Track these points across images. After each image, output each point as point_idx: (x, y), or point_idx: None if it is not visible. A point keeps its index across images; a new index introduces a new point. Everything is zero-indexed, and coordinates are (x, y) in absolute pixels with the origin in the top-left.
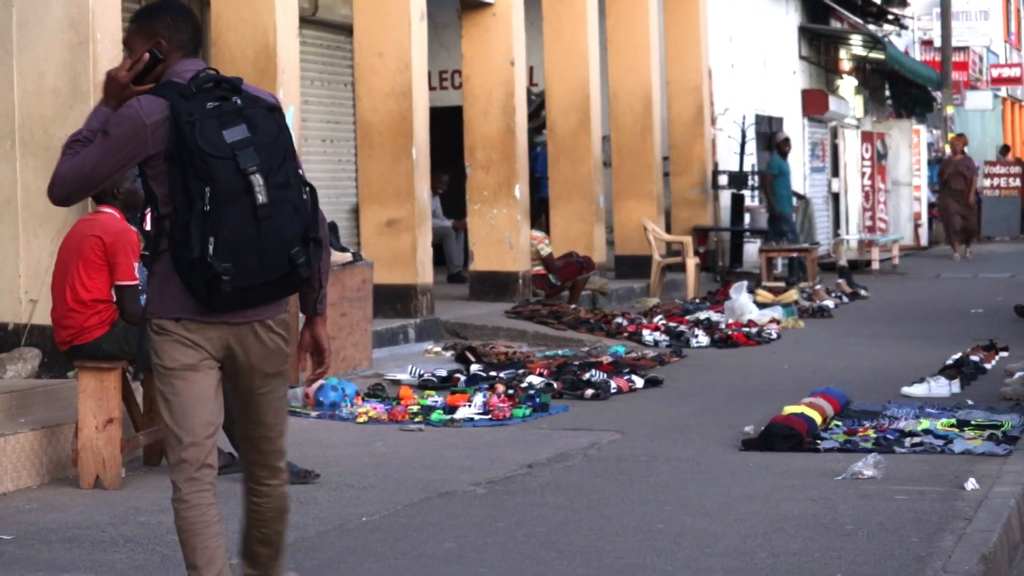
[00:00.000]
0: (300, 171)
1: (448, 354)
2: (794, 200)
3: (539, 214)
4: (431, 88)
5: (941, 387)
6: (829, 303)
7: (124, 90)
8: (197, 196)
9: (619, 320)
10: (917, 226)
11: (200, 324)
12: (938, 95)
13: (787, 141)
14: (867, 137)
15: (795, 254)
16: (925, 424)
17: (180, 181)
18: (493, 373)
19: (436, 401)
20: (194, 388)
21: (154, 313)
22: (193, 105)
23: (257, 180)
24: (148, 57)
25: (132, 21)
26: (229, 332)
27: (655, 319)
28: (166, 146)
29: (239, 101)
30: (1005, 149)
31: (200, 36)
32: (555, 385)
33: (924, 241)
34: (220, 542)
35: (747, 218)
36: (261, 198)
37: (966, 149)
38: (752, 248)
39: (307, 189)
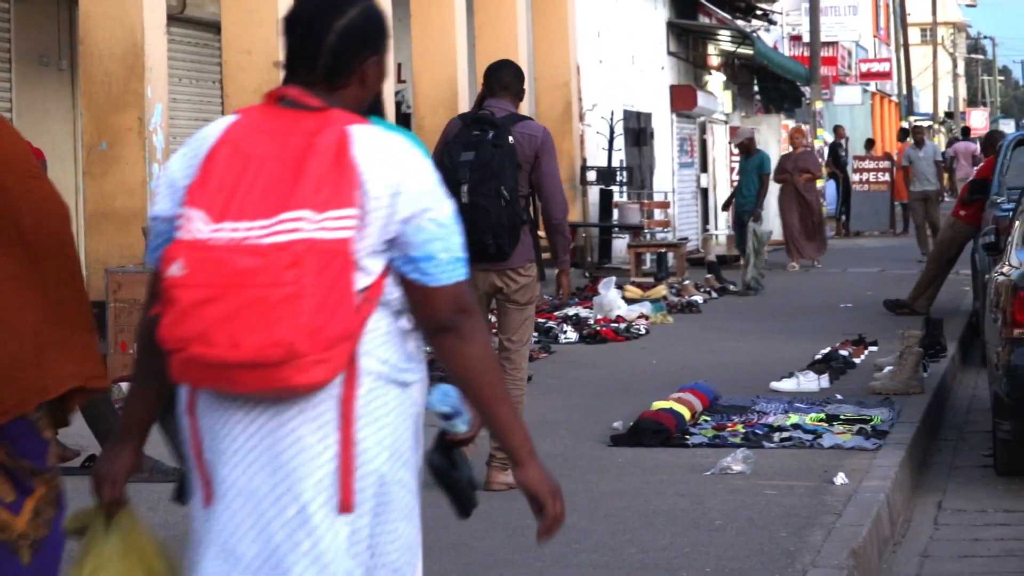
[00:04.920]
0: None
1: None
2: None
3: None
4: None
5: (810, 382)
6: (698, 298)
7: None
8: None
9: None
10: None
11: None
12: (807, 90)
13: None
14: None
15: (663, 249)
16: (794, 419)
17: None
18: None
19: None
20: None
21: None
22: (463, 131)
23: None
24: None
25: None
26: (488, 275)
27: None
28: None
29: (489, 135)
30: (870, 143)
31: (518, 86)
32: None
33: None
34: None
35: (615, 214)
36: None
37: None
38: (621, 244)
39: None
